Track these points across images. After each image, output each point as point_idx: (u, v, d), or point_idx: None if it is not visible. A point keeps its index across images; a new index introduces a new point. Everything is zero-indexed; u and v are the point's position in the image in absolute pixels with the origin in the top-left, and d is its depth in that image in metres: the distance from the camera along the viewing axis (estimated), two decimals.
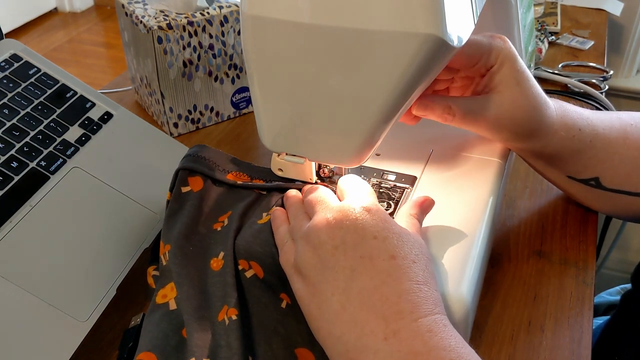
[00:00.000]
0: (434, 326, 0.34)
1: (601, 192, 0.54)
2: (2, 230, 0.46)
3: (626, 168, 0.53)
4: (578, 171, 0.54)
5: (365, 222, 0.37)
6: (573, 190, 0.58)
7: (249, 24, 0.40)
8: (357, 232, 0.37)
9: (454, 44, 0.36)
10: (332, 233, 0.37)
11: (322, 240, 0.38)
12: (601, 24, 1.08)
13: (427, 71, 0.38)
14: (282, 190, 0.47)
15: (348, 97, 0.40)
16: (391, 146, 0.54)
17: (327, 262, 0.37)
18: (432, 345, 0.33)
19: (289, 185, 0.47)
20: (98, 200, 0.52)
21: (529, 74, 0.48)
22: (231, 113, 0.78)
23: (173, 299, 0.43)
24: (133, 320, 0.49)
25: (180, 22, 0.67)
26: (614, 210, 0.58)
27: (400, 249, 0.37)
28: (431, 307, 0.35)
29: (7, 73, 0.56)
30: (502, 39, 0.47)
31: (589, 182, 0.54)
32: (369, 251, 0.36)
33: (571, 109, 0.52)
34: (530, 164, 0.57)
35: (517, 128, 0.49)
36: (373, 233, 0.37)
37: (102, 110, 0.59)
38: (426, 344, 0.33)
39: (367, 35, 0.36)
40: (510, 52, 0.47)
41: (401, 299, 0.35)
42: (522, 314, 0.50)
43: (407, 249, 0.37)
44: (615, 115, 0.55)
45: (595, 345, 0.65)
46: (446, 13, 0.35)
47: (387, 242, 0.37)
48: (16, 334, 0.42)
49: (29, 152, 0.51)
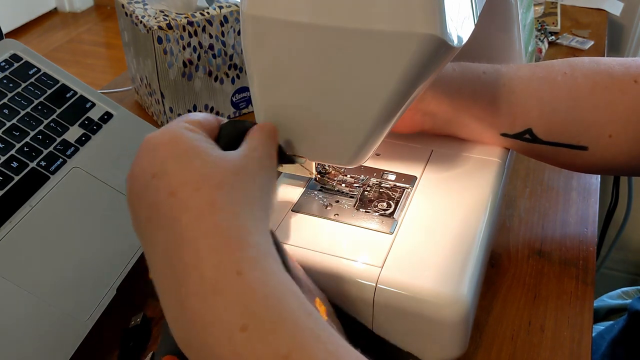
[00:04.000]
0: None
1: (541, 147, 0.52)
2: (2, 230, 0.46)
3: (560, 118, 0.50)
4: (508, 124, 0.52)
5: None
6: (516, 149, 0.55)
7: (249, 24, 0.40)
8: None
9: (454, 44, 0.36)
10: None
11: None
12: (601, 24, 1.08)
13: (427, 71, 0.38)
14: None
15: (348, 97, 0.40)
16: (391, 146, 0.54)
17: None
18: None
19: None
20: (98, 200, 0.52)
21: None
22: (231, 113, 0.78)
23: None
24: (133, 320, 0.49)
25: (180, 22, 0.67)
26: (561, 164, 0.55)
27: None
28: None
29: (7, 73, 0.56)
30: None
31: (524, 137, 0.52)
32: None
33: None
34: (467, 134, 0.55)
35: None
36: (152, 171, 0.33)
37: (102, 110, 0.59)
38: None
39: (367, 35, 0.36)
40: None
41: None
42: (522, 314, 0.50)
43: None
44: (542, 65, 0.53)
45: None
46: (446, 13, 0.35)
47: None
48: (16, 334, 0.42)
49: (29, 152, 0.51)
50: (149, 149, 0.34)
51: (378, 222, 0.47)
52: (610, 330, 0.69)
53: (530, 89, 0.51)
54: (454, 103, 0.51)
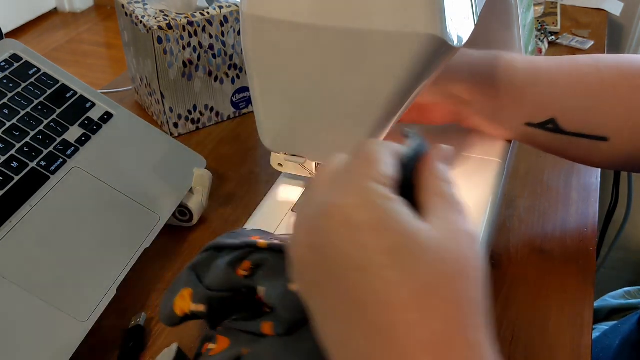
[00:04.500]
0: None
1: (562, 139, 0.52)
2: (2, 230, 0.46)
3: (583, 109, 0.51)
4: (533, 113, 0.52)
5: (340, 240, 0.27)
6: (537, 142, 0.55)
7: (248, 24, 0.40)
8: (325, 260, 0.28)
9: (454, 44, 0.36)
10: (301, 245, 0.29)
11: (295, 241, 0.30)
12: (601, 24, 1.08)
13: (427, 71, 0.38)
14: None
15: (348, 97, 0.40)
16: None
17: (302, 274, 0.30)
18: None
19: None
20: (98, 200, 0.52)
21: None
22: (231, 113, 0.78)
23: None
24: (133, 320, 0.49)
25: (180, 22, 0.67)
26: (580, 157, 0.56)
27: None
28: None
29: (7, 73, 0.56)
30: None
31: (547, 126, 0.52)
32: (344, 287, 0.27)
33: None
34: (494, 124, 0.55)
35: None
36: (356, 262, 0.27)
37: (102, 110, 0.59)
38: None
39: (367, 35, 0.36)
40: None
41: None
42: (522, 314, 0.50)
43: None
44: (567, 58, 0.54)
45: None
46: (446, 13, 0.35)
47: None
48: (16, 334, 0.42)
49: (29, 152, 0.51)
50: (341, 222, 0.28)
51: None
52: (615, 330, 0.69)
53: (554, 79, 0.52)
54: (485, 90, 0.52)
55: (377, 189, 0.28)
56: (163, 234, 0.53)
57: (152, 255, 0.53)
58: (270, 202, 0.50)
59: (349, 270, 0.27)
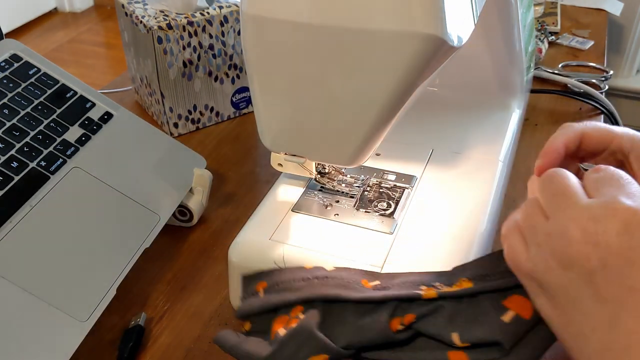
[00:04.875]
0: None
1: None
2: (2, 230, 0.46)
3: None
4: None
5: (636, 240, 0.27)
6: None
7: (249, 24, 0.40)
8: (622, 254, 0.28)
9: (454, 44, 0.36)
10: (586, 252, 0.28)
11: (571, 259, 0.29)
12: (601, 24, 1.08)
13: (427, 71, 0.38)
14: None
15: (348, 97, 0.40)
16: (391, 146, 0.54)
17: (580, 289, 0.29)
18: None
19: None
20: (98, 200, 0.52)
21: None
22: (231, 113, 0.78)
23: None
24: (133, 320, 0.49)
25: (180, 22, 0.67)
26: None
27: None
28: None
29: (7, 73, 0.56)
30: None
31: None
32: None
33: None
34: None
35: None
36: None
37: (102, 110, 0.59)
38: None
39: (367, 35, 0.36)
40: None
41: None
42: None
43: None
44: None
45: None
46: (446, 13, 0.35)
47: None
48: (16, 334, 0.42)
49: (29, 152, 0.51)
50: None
51: (378, 222, 0.47)
52: None
53: None
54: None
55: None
56: (163, 234, 0.53)
57: (152, 255, 0.53)
58: (270, 202, 0.50)
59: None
